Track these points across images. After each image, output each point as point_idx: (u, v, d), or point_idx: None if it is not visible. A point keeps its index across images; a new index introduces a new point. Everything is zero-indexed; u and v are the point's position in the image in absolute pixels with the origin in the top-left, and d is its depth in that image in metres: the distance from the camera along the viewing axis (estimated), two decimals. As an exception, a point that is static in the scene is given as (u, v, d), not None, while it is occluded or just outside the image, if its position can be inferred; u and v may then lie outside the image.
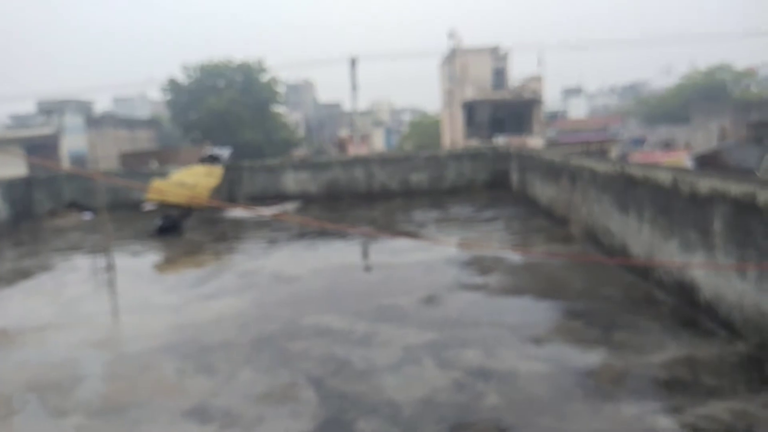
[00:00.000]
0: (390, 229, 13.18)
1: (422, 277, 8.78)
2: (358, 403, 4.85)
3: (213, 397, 5.08)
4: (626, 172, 8.32)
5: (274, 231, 13.98)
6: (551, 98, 68.13)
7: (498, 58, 40.15)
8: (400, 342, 6.18)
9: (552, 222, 12.43)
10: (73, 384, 5.61)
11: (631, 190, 8.12)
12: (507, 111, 37.73)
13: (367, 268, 10.12)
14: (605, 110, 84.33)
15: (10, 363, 6.31)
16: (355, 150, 34.44)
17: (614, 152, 33.08)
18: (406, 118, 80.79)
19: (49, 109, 45.63)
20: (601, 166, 9.56)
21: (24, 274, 10.88)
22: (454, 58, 39.04)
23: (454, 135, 37.78)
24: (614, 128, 51.34)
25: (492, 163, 19.11)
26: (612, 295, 7.37)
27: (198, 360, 5.99)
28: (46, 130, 38.83)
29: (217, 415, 4.73)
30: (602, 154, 28.20)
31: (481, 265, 9.33)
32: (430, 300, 7.59)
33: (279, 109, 42.37)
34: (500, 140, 30.53)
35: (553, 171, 12.61)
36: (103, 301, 8.74)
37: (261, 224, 15.23)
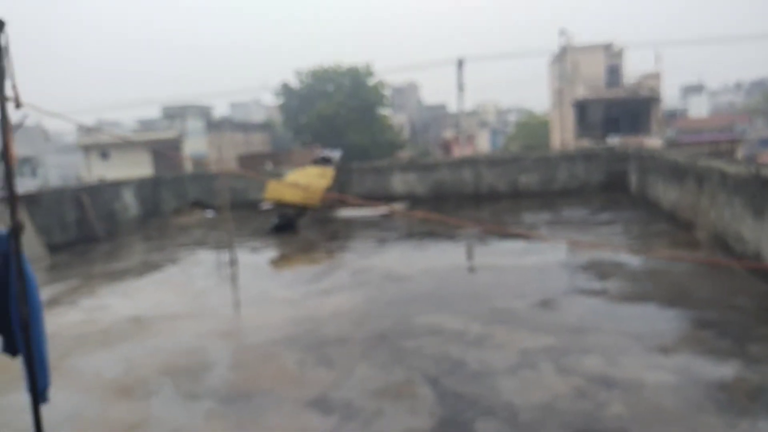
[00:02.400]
0: (499, 231, 12.97)
1: (536, 281, 8.57)
2: (475, 404, 4.81)
3: (333, 389, 5.23)
4: (762, 174, 7.68)
5: (382, 231, 14.18)
6: (670, 96, 64.24)
7: (612, 55, 38.46)
8: (516, 345, 6.06)
9: (675, 226, 11.72)
10: (203, 371, 5.97)
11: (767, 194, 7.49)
12: (622, 110, 36.04)
13: (478, 270, 10.01)
14: (730, 108, 78.30)
15: (145, 349, 6.81)
16: (460, 151, 34.22)
17: (740, 153, 30.70)
18: (513, 118, 79.26)
19: (173, 113, 48.88)
20: (732, 168, 8.89)
21: (153, 267, 11.72)
22: (564, 56, 37.84)
23: (564, 135, 36.61)
24: (740, 128, 47.68)
25: (607, 164, 18.33)
26: (745, 305, 6.83)
27: (317, 353, 6.18)
28: (170, 134, 41.70)
29: (338, 407, 4.86)
30: (728, 155, 26.25)
31: (599, 269, 8.97)
32: (546, 304, 7.39)
33: (385, 111, 42.92)
34: (614, 140, 29.21)
35: (677, 172, 11.89)
36: (227, 294, 9.23)
37: (370, 224, 15.50)
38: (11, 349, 3.46)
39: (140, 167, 37.09)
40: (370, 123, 39.69)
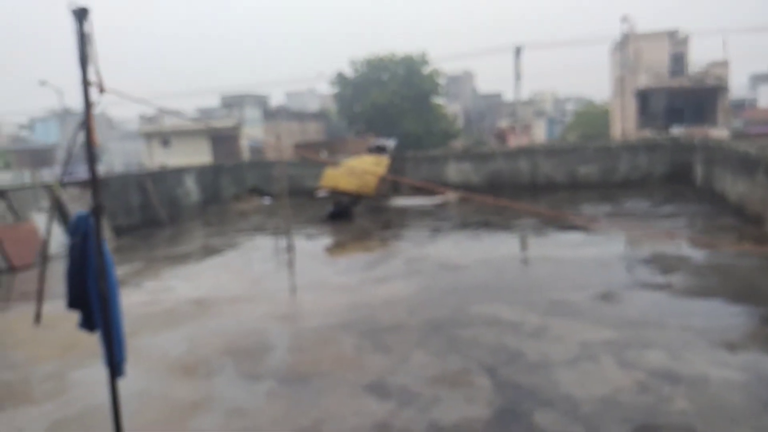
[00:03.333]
0: (557, 222, 12.75)
1: (596, 273, 8.40)
2: (534, 395, 4.76)
3: (390, 375, 5.27)
4: None
5: (436, 220, 14.15)
6: (738, 85, 61.29)
7: (676, 42, 36.99)
8: (576, 338, 5.96)
9: (743, 220, 11.25)
10: (263, 352, 6.12)
11: None
12: (686, 99, 34.68)
13: (536, 261, 9.85)
14: (805, 98, 74.10)
15: (207, 329, 7.02)
16: (516, 141, 33.72)
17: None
18: (571, 107, 77.43)
19: (231, 103, 49.94)
20: (810, 159, 8.45)
21: (214, 251, 12.05)
22: (626, 43, 36.64)
23: (625, 125, 35.53)
24: (816, 118, 45.06)
25: (671, 155, 17.71)
26: (822, 304, 6.52)
27: (373, 339, 6.24)
28: (229, 122, 42.62)
29: (395, 393, 4.90)
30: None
31: (662, 263, 8.71)
32: (606, 297, 7.24)
33: (439, 100, 42.60)
34: (678, 131, 28.17)
35: (747, 164, 11.38)
36: (284, 279, 9.41)
37: (424, 213, 15.48)
38: (89, 325, 3.63)
39: (199, 155, 38.09)
40: (424, 112, 39.49)
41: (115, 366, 3.33)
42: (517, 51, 30.98)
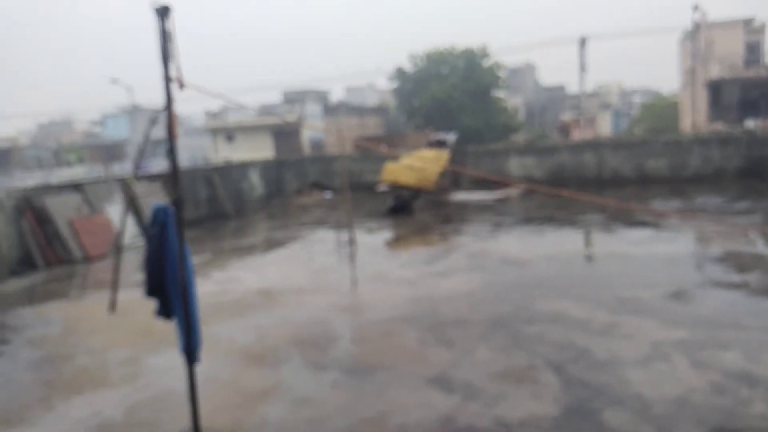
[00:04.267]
0: (624, 218, 12.38)
1: (666, 270, 8.12)
2: (603, 394, 4.65)
3: (454, 369, 5.26)
4: None
5: (498, 215, 13.99)
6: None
7: (752, 31, 35.15)
8: (646, 336, 5.78)
9: (828, 217, 10.63)
10: (328, 343, 6.21)
11: None
12: (762, 91, 32.93)
13: (603, 257, 9.59)
14: None
15: (273, 319, 7.18)
16: (580, 134, 32.89)
17: None
18: (638, 100, 74.86)
19: (293, 98, 50.80)
20: None
21: (278, 244, 12.31)
22: (697, 33, 35.10)
23: (695, 118, 34.09)
24: None
25: (747, 149, 16.90)
26: None
27: (436, 333, 6.24)
28: (290, 118, 43.38)
29: (459, 387, 4.89)
30: None
31: (737, 261, 8.34)
32: (678, 295, 6.98)
33: (500, 93, 41.96)
34: (752, 124, 26.80)
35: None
36: (346, 272, 9.52)
37: (485, 208, 15.33)
38: (165, 312, 3.78)
39: (262, 150, 38.93)
40: (484, 105, 39.01)
41: (191, 352, 3.45)
42: (582, 42, 30.19)
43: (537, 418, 4.33)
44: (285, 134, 42.31)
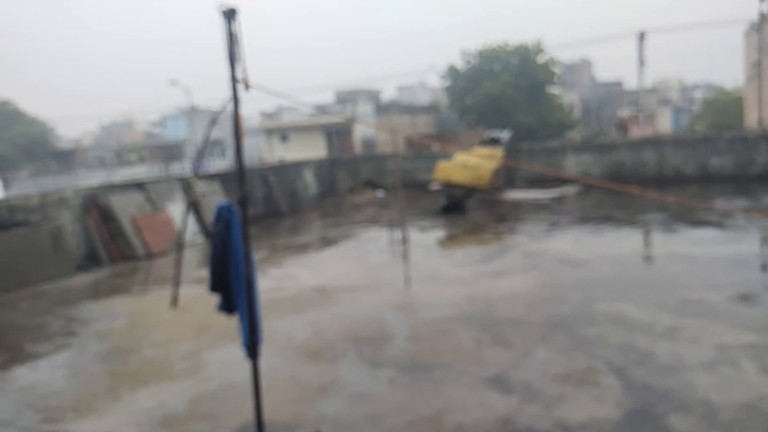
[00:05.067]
0: (687, 217, 11.96)
1: (732, 272, 7.80)
2: (667, 398, 4.51)
3: (512, 369, 5.20)
4: None
5: (554, 214, 13.74)
6: None
7: (824, 20, 33.33)
8: (712, 340, 5.57)
9: None
10: (383, 340, 6.24)
11: None
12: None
13: (665, 258, 9.27)
14: None
15: (329, 316, 7.26)
16: (639, 131, 31.96)
17: None
18: (699, 95, 72.20)
19: (345, 98, 51.21)
20: None
21: (332, 242, 12.44)
22: (764, 24, 33.53)
23: (762, 114, 32.60)
24: None
25: (819, 145, 16.06)
26: None
27: (492, 332, 6.18)
28: (341, 117, 43.73)
29: (518, 388, 4.83)
30: None
31: (811, 263, 7.94)
32: (746, 298, 6.70)
33: (554, 90, 41.14)
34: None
35: None
36: (400, 270, 9.53)
37: (540, 207, 15.09)
38: (228, 308, 3.87)
39: (315, 149, 39.42)
40: (538, 102, 38.34)
41: (252, 347, 3.53)
42: (641, 36, 29.31)
43: (598, 421, 4.23)
44: (337, 134, 42.72)
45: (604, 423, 4.21)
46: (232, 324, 5.91)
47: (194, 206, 13.51)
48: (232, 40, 2.98)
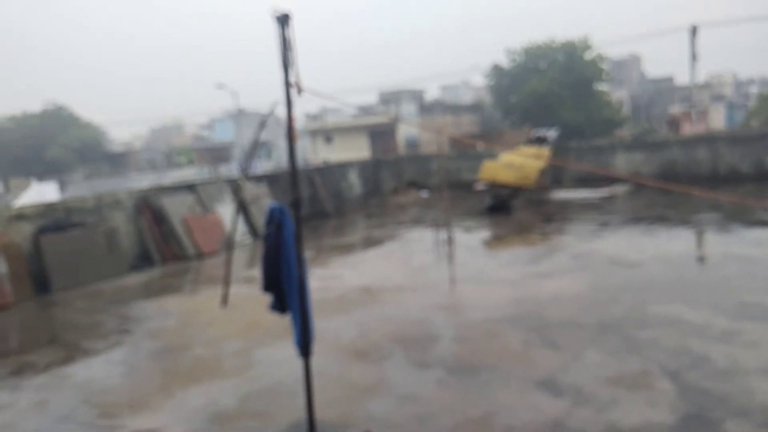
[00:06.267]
0: (743, 217, 11.54)
1: (794, 274, 7.50)
2: (724, 403, 4.37)
3: (561, 372, 5.12)
4: None
5: (603, 214, 13.47)
6: None
7: None
8: (773, 344, 5.37)
9: None
10: (430, 341, 6.23)
11: None
12: None
13: (721, 259, 8.97)
14: None
15: (375, 316, 7.30)
16: (691, 128, 31.00)
17: None
18: (754, 90, 69.54)
19: (388, 99, 51.34)
20: None
21: (376, 242, 12.49)
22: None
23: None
24: None
25: None
26: None
27: (542, 334, 6.10)
28: (386, 118, 43.88)
29: (568, 391, 4.76)
30: None
31: None
32: (809, 301, 6.43)
33: (602, 87, 40.24)
34: None
35: None
36: (445, 271, 9.50)
37: (589, 206, 14.80)
38: (280, 307, 3.94)
39: (359, 150, 39.63)
40: (585, 100, 37.60)
41: (305, 346, 3.58)
42: (693, 30, 28.41)
43: (653, 426, 4.14)
44: (381, 134, 42.85)
45: (658, 428, 4.11)
46: (281, 322, 6.02)
47: (243, 207, 13.77)
48: (285, 45, 3.04)
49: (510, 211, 14.87)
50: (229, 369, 5.94)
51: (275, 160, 55.47)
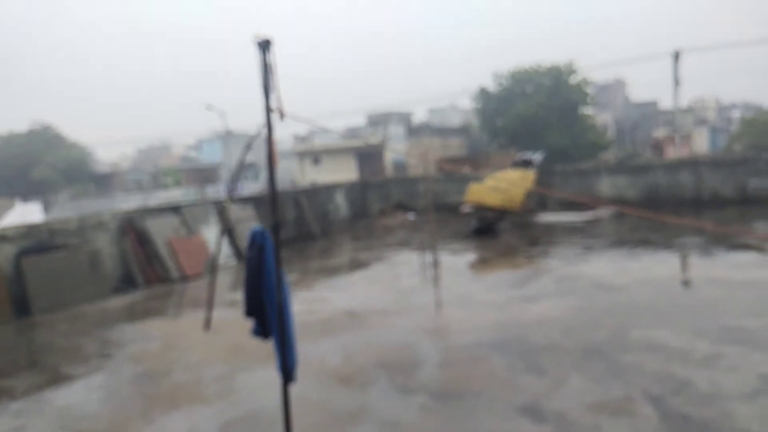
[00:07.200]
0: (725, 241, 11.66)
1: (776, 298, 7.56)
2: (707, 429, 4.37)
3: (545, 398, 5.10)
4: None
5: (588, 237, 13.54)
6: None
7: None
8: (754, 369, 5.39)
9: None
10: (414, 366, 6.19)
11: None
12: None
13: (703, 283, 9.04)
14: None
15: (361, 340, 7.25)
16: (674, 152, 31.41)
17: None
18: (737, 115, 70.78)
19: (377, 121, 51.66)
20: None
21: (362, 265, 12.45)
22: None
23: (803, 133, 31.77)
24: None
25: None
26: None
27: (526, 359, 6.09)
28: (374, 140, 44.06)
29: (551, 417, 4.73)
30: None
31: None
32: (790, 325, 6.48)
33: (587, 110, 40.77)
34: None
35: None
36: (431, 294, 9.48)
37: (573, 230, 14.89)
38: (263, 332, 3.90)
39: (347, 172, 39.70)
40: (571, 123, 38.03)
41: (288, 372, 3.54)
42: (676, 56, 28.93)
43: (636, 454, 4.12)
44: (368, 156, 42.98)
45: (641, 455, 4.09)
46: (264, 347, 5.95)
47: (228, 229, 13.70)
48: (266, 71, 3.06)
49: (496, 233, 14.93)
50: (211, 394, 5.86)
51: (263, 182, 55.43)
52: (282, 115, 3.16)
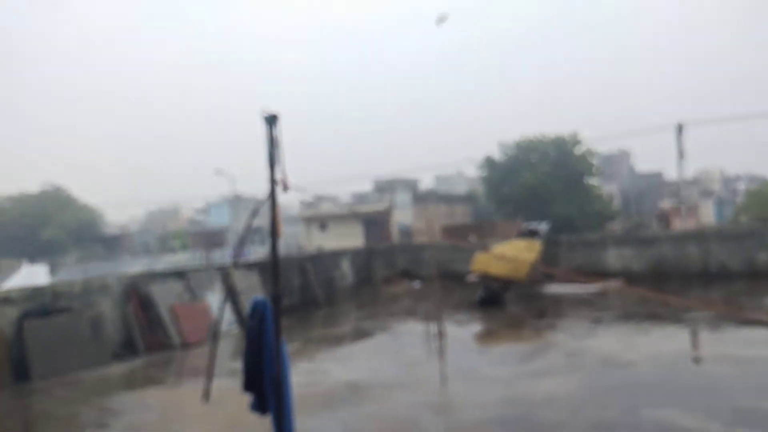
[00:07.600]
0: (735, 316, 11.47)
1: (790, 377, 7.35)
2: None
3: (553, 481, 4.89)
4: None
5: (596, 310, 13.36)
6: None
7: None
8: (772, 454, 5.18)
9: None
10: (417, 443, 5.99)
11: None
12: None
13: (714, 360, 8.82)
14: None
15: (362, 415, 7.05)
16: (680, 223, 31.39)
17: None
18: (742, 186, 71.14)
19: (383, 187, 52.20)
20: None
21: (366, 334, 12.28)
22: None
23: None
24: None
25: None
26: None
27: (533, 438, 5.88)
28: (380, 206, 44.40)
29: (560, 503, 4.52)
30: None
31: None
32: (806, 407, 6.27)
33: (593, 181, 41.16)
34: None
35: None
36: (436, 367, 9.29)
37: (581, 302, 14.71)
38: (261, 407, 3.80)
39: (353, 238, 39.79)
40: (576, 193, 38.31)
41: (283, 452, 3.43)
42: (679, 129, 29.36)
43: None
44: (375, 222, 43.19)
45: None
46: (263, 421, 5.78)
47: (232, 296, 13.61)
48: (272, 144, 3.11)
49: (502, 304, 14.76)
50: (206, 470, 5.66)
51: (268, 247, 55.49)
52: (286, 188, 3.19)
